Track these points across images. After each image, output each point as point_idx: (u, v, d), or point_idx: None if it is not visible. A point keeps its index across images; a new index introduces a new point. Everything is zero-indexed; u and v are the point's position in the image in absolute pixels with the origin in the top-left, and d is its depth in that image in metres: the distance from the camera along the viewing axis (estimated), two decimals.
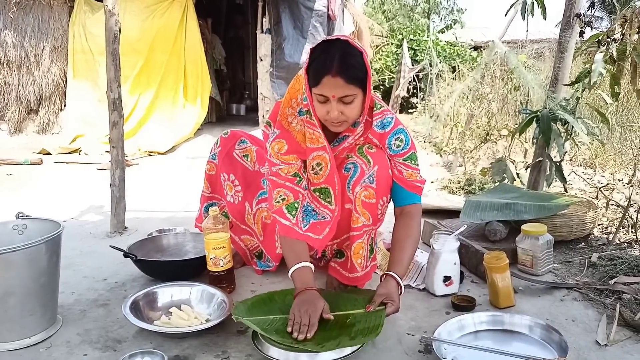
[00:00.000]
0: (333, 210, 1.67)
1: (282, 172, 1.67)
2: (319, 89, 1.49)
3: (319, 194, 1.69)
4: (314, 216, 1.69)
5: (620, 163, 3.83)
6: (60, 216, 2.74)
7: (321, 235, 1.66)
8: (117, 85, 2.47)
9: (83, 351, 1.46)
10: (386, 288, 1.52)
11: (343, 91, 1.47)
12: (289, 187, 1.67)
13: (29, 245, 1.43)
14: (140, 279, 1.95)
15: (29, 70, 6.00)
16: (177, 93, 6.14)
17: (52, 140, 5.64)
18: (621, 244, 2.28)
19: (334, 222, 1.68)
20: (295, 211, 1.66)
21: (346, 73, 1.45)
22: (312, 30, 6.43)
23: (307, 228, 1.66)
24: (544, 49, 5.44)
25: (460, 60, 8.97)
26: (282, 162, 1.67)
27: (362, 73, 1.49)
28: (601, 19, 6.82)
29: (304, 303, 1.45)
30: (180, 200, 3.20)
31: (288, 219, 1.65)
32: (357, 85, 1.49)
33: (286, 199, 1.66)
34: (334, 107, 1.50)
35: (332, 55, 1.46)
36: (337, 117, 1.52)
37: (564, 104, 2.56)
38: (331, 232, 1.68)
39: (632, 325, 1.56)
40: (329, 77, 1.45)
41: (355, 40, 1.55)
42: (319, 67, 1.47)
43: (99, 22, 5.40)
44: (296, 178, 1.68)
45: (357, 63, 1.48)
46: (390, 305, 1.47)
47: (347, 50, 1.48)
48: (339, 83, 1.46)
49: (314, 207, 1.70)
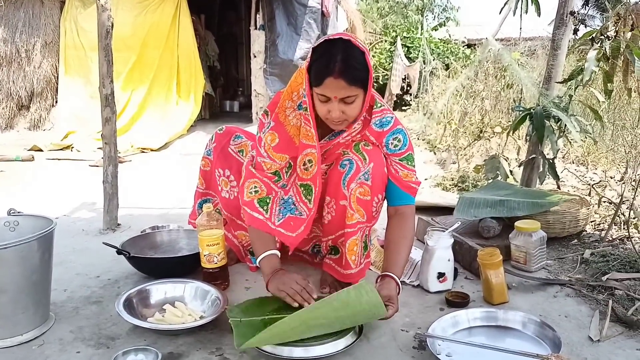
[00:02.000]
0: (310, 209, 1.68)
1: (265, 165, 1.69)
2: (321, 90, 1.49)
3: (303, 189, 1.70)
4: (292, 210, 1.70)
5: (612, 160, 3.86)
6: (53, 213, 2.72)
7: (295, 233, 1.67)
8: (109, 81, 2.45)
9: (76, 348, 1.45)
10: (388, 290, 1.51)
11: (345, 92, 1.47)
12: (265, 183, 1.69)
13: (21, 242, 1.41)
14: (133, 276, 1.94)
15: (20, 65, 5.94)
16: (170, 89, 6.11)
17: (44, 137, 5.59)
18: (613, 241, 2.29)
19: (309, 221, 1.69)
20: (266, 206, 1.68)
21: (349, 75, 1.45)
22: (306, 27, 6.41)
23: (280, 223, 1.68)
24: (537, 47, 5.46)
25: (453, 57, 8.99)
26: (269, 156, 1.68)
27: (364, 73, 1.49)
28: (594, 17, 6.83)
29: (281, 280, 1.52)
30: (174, 196, 3.19)
31: (261, 213, 1.67)
32: (359, 86, 1.49)
33: (259, 192, 1.69)
34: (336, 107, 1.50)
35: (334, 56, 1.45)
36: (338, 117, 1.53)
37: (557, 101, 2.57)
38: (305, 231, 1.69)
39: (625, 321, 1.57)
40: (331, 79, 1.45)
41: (357, 39, 1.54)
42: (321, 67, 1.47)
43: (90, 17, 5.36)
44: (275, 177, 1.71)
45: (359, 64, 1.47)
46: (391, 308, 1.46)
47: (350, 51, 1.47)
48: (341, 85, 1.46)
49: (294, 200, 1.71)
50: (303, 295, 1.46)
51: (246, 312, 1.49)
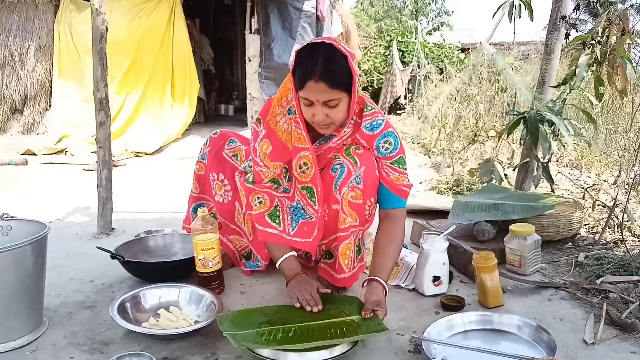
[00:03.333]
0: (317, 210, 1.68)
1: (263, 174, 1.69)
2: (304, 93, 1.50)
3: (306, 192, 1.70)
4: (302, 215, 1.70)
5: (605, 164, 3.89)
6: (46, 217, 2.70)
7: (310, 238, 1.67)
8: (104, 85, 2.44)
9: (69, 354, 1.44)
10: (377, 295, 1.52)
11: (326, 96, 1.48)
12: (266, 192, 1.70)
13: (14, 247, 1.40)
14: (127, 281, 1.93)
15: (14, 69, 5.92)
16: (164, 93, 6.10)
17: (38, 141, 5.56)
18: (607, 244, 2.31)
19: (320, 221, 1.69)
20: (278, 219, 1.69)
21: (329, 78, 1.46)
22: (301, 31, 6.42)
23: (294, 232, 1.68)
24: (530, 51, 5.50)
25: (448, 62, 9.03)
26: (265, 165, 1.68)
27: (347, 77, 1.49)
28: (586, 21, 6.89)
29: (299, 283, 1.59)
30: (168, 201, 3.17)
31: (274, 227, 1.68)
32: (341, 89, 1.49)
33: (263, 202, 1.69)
34: (319, 110, 1.51)
35: (315, 59, 1.46)
36: (323, 120, 1.53)
37: (551, 105, 2.58)
38: (320, 233, 1.69)
39: (619, 323, 1.57)
40: (312, 82, 1.46)
41: (341, 43, 1.54)
42: (303, 71, 1.48)
43: (85, 21, 5.34)
44: (274, 184, 1.72)
45: (340, 68, 1.48)
46: (380, 312, 1.48)
47: (331, 55, 1.48)
48: (322, 88, 1.46)
49: (302, 204, 1.71)
50: (310, 302, 1.52)
51: (235, 323, 1.45)
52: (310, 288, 1.56)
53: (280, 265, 1.68)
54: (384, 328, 1.41)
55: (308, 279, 1.63)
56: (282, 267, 1.68)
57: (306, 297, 1.53)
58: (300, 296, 1.54)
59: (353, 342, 1.40)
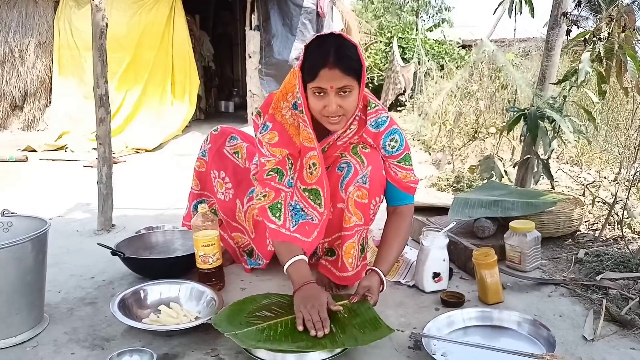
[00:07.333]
0: (322, 213, 1.67)
1: (268, 164, 1.66)
2: (317, 82, 1.48)
3: (309, 194, 1.68)
4: (302, 216, 1.68)
5: (606, 161, 3.88)
6: (47, 214, 2.71)
7: (310, 238, 1.65)
8: (104, 82, 2.44)
9: (70, 350, 1.45)
10: (369, 281, 1.56)
11: (341, 82, 1.47)
12: (270, 186, 1.67)
13: (15, 243, 1.40)
14: (128, 277, 1.93)
15: (14, 66, 5.91)
16: (164, 90, 6.09)
17: (38, 137, 5.56)
18: (607, 241, 2.31)
19: (323, 224, 1.67)
20: (279, 212, 1.65)
21: (343, 63, 1.45)
22: (301, 28, 6.41)
23: (295, 228, 1.65)
24: (531, 48, 5.48)
25: (448, 58, 9.02)
26: (270, 153, 1.66)
27: (358, 64, 1.49)
28: (587, 18, 6.85)
29: (307, 299, 1.43)
30: (169, 197, 3.17)
31: (273, 222, 1.64)
32: (354, 77, 1.49)
33: (267, 195, 1.66)
34: (332, 100, 1.48)
35: (327, 48, 1.46)
36: (336, 111, 1.50)
37: (552, 102, 2.58)
38: (320, 235, 1.67)
39: (618, 320, 1.58)
40: (326, 70, 1.45)
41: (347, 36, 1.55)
42: (315, 60, 1.47)
43: (85, 17, 5.34)
44: (277, 175, 1.67)
45: (352, 54, 1.48)
46: (370, 298, 1.50)
47: (342, 43, 1.48)
48: (336, 74, 1.45)
49: (302, 206, 1.69)
50: (317, 325, 1.36)
51: (232, 321, 1.43)
52: (319, 306, 1.40)
53: (287, 269, 1.54)
54: (390, 330, 1.39)
55: (318, 291, 1.47)
56: (289, 272, 1.54)
57: (313, 318, 1.37)
58: (306, 316, 1.38)
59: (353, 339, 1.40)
